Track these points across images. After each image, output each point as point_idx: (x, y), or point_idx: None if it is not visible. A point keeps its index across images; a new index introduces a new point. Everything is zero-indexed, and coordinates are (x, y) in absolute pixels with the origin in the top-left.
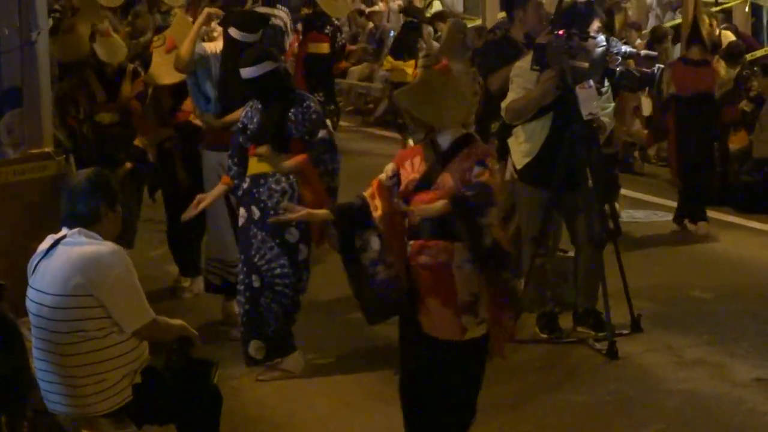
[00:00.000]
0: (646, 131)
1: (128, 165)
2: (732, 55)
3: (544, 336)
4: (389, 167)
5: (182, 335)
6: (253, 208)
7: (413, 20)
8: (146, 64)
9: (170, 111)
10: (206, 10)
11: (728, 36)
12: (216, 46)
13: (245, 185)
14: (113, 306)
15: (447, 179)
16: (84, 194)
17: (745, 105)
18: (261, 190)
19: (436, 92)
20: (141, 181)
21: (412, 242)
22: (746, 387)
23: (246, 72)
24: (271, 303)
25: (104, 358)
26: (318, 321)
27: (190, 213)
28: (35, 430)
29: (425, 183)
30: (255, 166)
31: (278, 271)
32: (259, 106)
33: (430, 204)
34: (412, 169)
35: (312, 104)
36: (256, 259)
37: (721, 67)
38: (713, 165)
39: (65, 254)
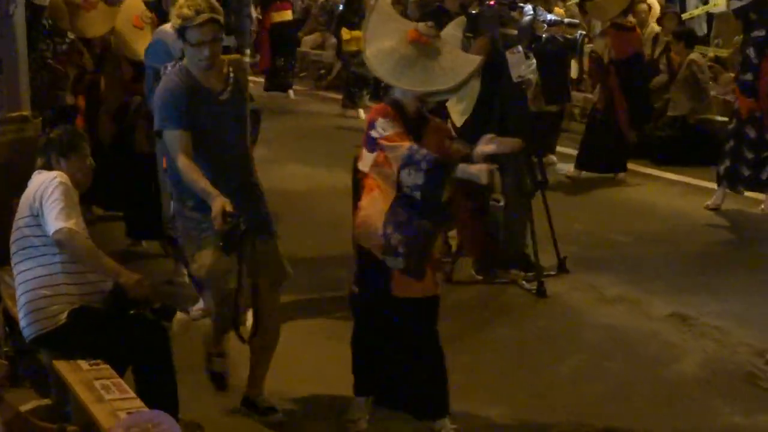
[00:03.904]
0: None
1: None
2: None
3: (479, 278)
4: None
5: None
6: None
7: None
8: None
9: (132, 80)
10: None
11: (654, 3)
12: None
13: None
14: (44, 211)
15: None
16: (39, 151)
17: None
18: None
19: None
20: None
21: None
22: (661, 321)
23: None
24: None
25: (50, 273)
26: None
27: None
28: (16, 367)
29: None
30: None
31: None
32: None
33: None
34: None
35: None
36: None
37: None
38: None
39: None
